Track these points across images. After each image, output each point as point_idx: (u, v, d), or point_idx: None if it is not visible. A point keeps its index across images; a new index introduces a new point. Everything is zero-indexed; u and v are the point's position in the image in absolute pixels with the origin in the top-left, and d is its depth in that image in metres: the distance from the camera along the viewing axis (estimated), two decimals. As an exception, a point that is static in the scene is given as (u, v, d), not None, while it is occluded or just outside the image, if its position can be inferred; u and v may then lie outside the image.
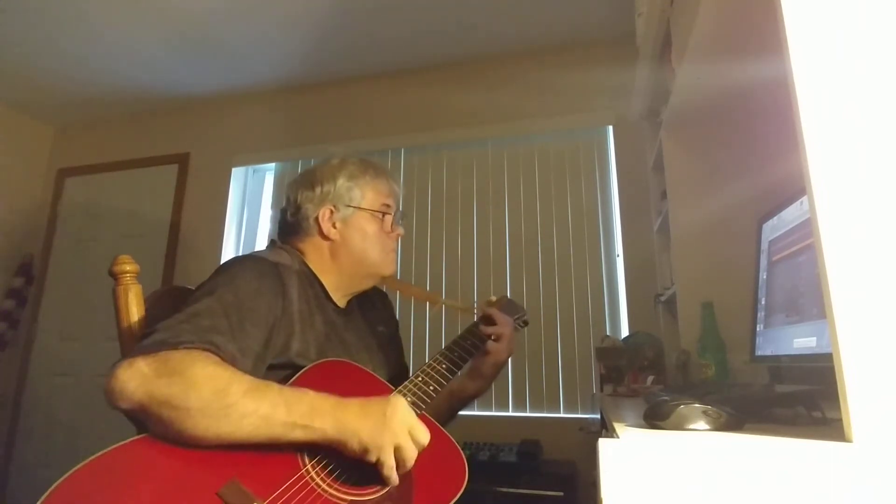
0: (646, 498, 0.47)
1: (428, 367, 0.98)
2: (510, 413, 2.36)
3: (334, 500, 0.71)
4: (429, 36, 2.62)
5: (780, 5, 0.61)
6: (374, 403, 0.77)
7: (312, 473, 0.73)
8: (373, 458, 0.74)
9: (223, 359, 0.75)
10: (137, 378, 0.69)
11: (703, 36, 1.24)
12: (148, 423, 0.69)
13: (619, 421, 0.74)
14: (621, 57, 2.41)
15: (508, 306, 1.25)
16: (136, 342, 0.81)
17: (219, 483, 0.66)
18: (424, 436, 0.77)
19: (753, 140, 1.61)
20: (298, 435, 0.72)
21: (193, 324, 0.76)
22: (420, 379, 0.94)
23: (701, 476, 0.47)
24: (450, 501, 0.76)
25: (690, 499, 0.46)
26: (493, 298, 1.27)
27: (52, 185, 3.41)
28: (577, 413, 2.29)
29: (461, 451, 0.84)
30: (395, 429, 0.75)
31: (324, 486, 0.72)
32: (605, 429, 1.01)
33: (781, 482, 0.45)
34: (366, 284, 1.08)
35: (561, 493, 1.87)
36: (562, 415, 2.31)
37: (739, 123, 1.63)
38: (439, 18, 2.48)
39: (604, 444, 0.52)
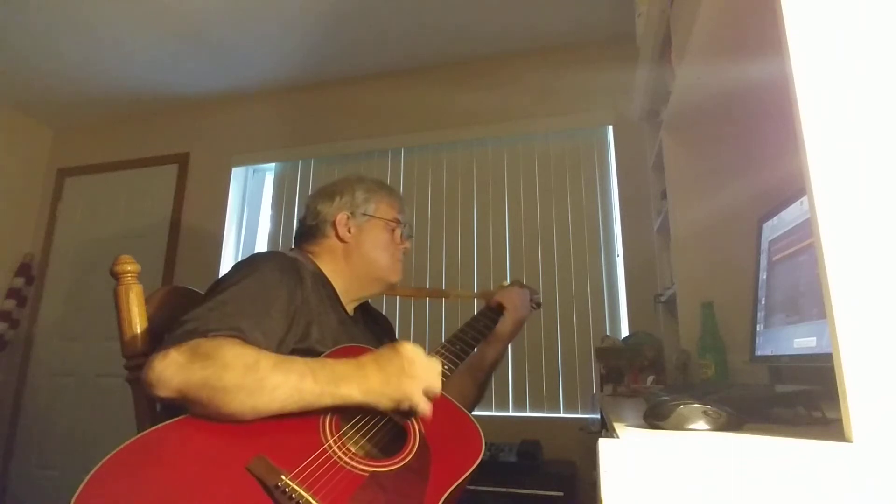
0: (646, 498, 0.47)
1: (442, 348, 1.04)
2: (510, 413, 2.36)
3: (356, 471, 0.74)
4: (429, 36, 2.62)
5: (780, 5, 0.61)
6: (387, 359, 0.83)
7: (335, 448, 0.76)
8: (405, 407, 0.81)
9: (248, 342, 0.79)
10: (173, 367, 0.73)
11: (703, 36, 1.24)
12: (189, 406, 0.74)
13: (619, 421, 0.74)
14: (621, 57, 2.41)
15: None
16: (147, 344, 0.87)
17: (247, 459, 0.69)
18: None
19: (753, 140, 1.61)
20: (327, 401, 0.77)
21: (220, 311, 0.82)
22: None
23: (701, 476, 0.47)
24: (466, 472, 0.79)
25: (690, 499, 0.46)
26: (506, 283, 1.32)
27: (52, 185, 3.41)
28: (577, 413, 2.29)
29: (476, 424, 0.88)
30: (416, 373, 0.82)
31: (346, 458, 0.75)
32: (605, 429, 1.01)
33: (781, 482, 0.45)
34: (372, 290, 1.14)
35: (561, 493, 1.87)
36: (562, 415, 2.31)
37: (739, 123, 1.63)
38: (439, 18, 2.48)
39: (604, 444, 0.52)
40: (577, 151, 2.59)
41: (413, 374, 0.81)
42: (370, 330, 1.16)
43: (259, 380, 0.73)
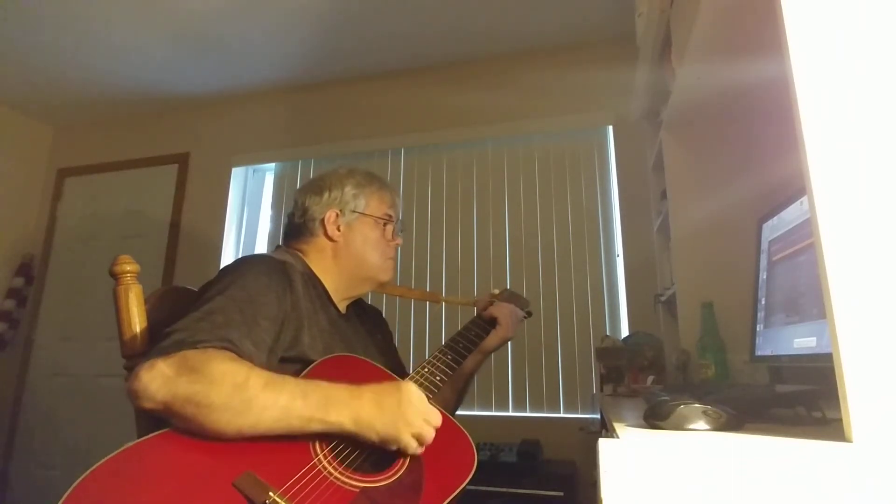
0: (646, 498, 0.47)
1: (434, 358, 1.02)
2: (510, 413, 2.36)
3: (346, 486, 0.73)
4: (429, 36, 2.62)
5: (780, 5, 0.61)
6: (387, 393, 0.79)
7: (325, 462, 0.75)
8: (393, 447, 0.78)
9: (239, 354, 0.77)
10: (159, 379, 0.71)
11: (703, 36, 1.24)
12: (172, 420, 0.71)
13: (619, 421, 0.74)
14: (621, 57, 2.41)
15: (511, 297, 1.29)
16: (146, 345, 0.85)
17: (234, 475, 0.68)
18: (437, 418, 0.82)
19: (753, 140, 1.61)
20: (316, 427, 0.74)
21: (209, 322, 0.79)
22: (426, 370, 0.98)
23: (701, 476, 0.47)
24: (459, 486, 0.78)
25: (690, 499, 0.46)
26: (497, 291, 1.30)
27: (52, 185, 3.41)
28: (577, 413, 2.29)
29: (469, 437, 0.86)
30: (411, 417, 0.78)
31: (336, 473, 0.74)
32: (605, 429, 1.01)
33: (781, 482, 0.45)
34: (363, 289, 1.12)
35: (561, 493, 1.87)
36: (562, 415, 2.31)
37: (739, 123, 1.63)
38: (439, 18, 2.48)
39: (604, 444, 0.52)
40: (577, 151, 2.59)
41: (409, 417, 0.78)
42: (362, 324, 1.14)
43: (247, 400, 0.71)
